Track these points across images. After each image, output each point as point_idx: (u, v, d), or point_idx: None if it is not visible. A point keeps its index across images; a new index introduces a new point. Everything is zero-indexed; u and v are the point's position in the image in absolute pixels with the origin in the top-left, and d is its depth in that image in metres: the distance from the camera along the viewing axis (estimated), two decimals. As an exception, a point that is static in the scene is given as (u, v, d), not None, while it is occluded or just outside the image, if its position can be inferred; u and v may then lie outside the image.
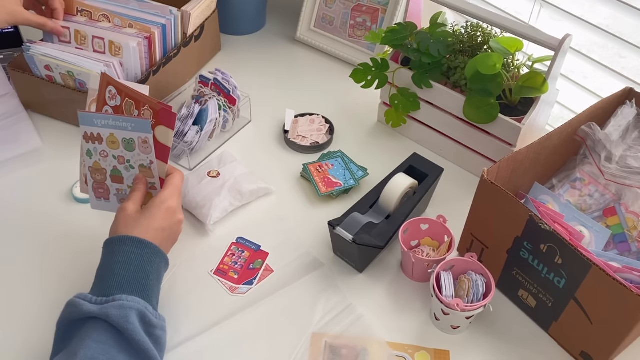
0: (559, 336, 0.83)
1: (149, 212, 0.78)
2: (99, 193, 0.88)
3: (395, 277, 0.91)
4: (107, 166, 0.83)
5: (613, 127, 0.93)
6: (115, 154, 0.82)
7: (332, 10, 1.35)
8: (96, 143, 0.82)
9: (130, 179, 0.83)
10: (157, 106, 0.78)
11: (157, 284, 0.77)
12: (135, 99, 0.79)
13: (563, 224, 0.77)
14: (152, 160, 0.81)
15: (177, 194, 0.81)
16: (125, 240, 0.75)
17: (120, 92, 0.80)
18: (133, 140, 0.80)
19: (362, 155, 1.10)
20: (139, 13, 1.14)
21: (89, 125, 0.81)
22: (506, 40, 0.98)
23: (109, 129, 0.80)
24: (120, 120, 0.79)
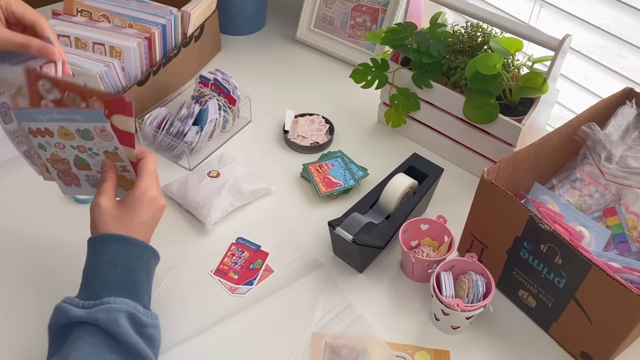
0: (559, 336, 0.83)
1: (130, 207, 0.74)
2: (67, 180, 0.83)
3: (395, 277, 0.91)
4: (68, 156, 0.78)
5: (613, 127, 0.93)
6: (74, 144, 0.76)
7: (332, 10, 1.35)
8: (46, 137, 0.76)
9: (97, 165, 0.78)
10: (106, 96, 0.72)
11: (146, 280, 0.74)
12: (79, 90, 0.72)
13: (563, 224, 0.77)
14: (117, 146, 0.75)
15: (155, 179, 0.76)
16: (110, 239, 0.71)
17: (57, 85, 0.72)
18: (89, 130, 0.73)
19: (362, 155, 1.10)
20: (139, 13, 1.14)
21: (31, 121, 0.74)
22: (506, 40, 0.98)
23: (58, 122, 0.74)
24: (67, 112, 0.72)
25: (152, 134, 1.07)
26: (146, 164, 0.76)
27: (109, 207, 0.73)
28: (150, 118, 1.06)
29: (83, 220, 0.97)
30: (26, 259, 0.91)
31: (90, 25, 1.11)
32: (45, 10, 1.39)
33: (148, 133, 1.07)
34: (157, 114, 1.07)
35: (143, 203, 0.74)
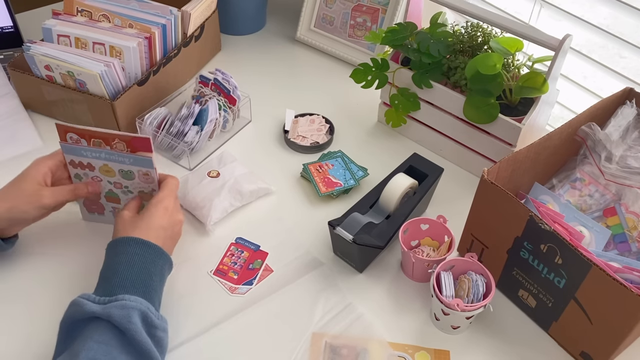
0: (559, 336, 0.83)
1: (146, 212, 0.80)
2: (92, 208, 0.90)
3: (395, 277, 0.91)
4: (102, 189, 0.86)
5: (613, 127, 0.93)
6: (111, 180, 0.84)
7: (332, 10, 1.35)
8: (86, 170, 0.83)
9: (127, 200, 0.87)
10: (127, 137, 0.79)
11: (159, 285, 0.77)
12: (102, 137, 0.80)
13: (563, 224, 0.77)
14: (155, 188, 0.84)
15: (173, 195, 0.83)
16: (129, 241, 0.76)
17: (83, 135, 0.80)
18: (132, 172, 0.82)
19: (362, 155, 1.10)
20: (139, 13, 1.14)
21: (75, 155, 0.82)
22: (506, 40, 0.98)
23: (102, 160, 0.82)
24: (115, 155, 0.80)
25: (152, 134, 1.07)
26: (167, 183, 0.83)
27: (129, 216, 0.80)
28: (150, 118, 1.06)
29: (82, 220, 0.97)
30: (26, 259, 0.91)
31: (90, 25, 1.11)
32: (46, 10, 1.40)
33: (148, 133, 1.07)
34: (157, 114, 1.07)
35: (158, 209, 0.80)
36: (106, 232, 0.85)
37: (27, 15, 1.41)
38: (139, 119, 1.07)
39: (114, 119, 1.06)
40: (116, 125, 1.07)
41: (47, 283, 0.88)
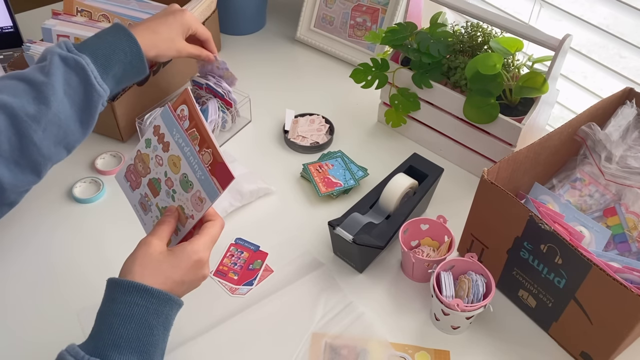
0: (559, 336, 0.83)
1: (175, 259, 0.67)
2: (130, 178, 0.79)
3: (395, 277, 0.91)
4: (153, 171, 0.75)
5: (613, 127, 0.93)
6: (168, 174, 0.74)
7: (332, 10, 1.35)
8: (160, 145, 0.74)
9: (164, 202, 0.75)
10: (219, 157, 0.68)
11: (163, 336, 0.66)
12: (203, 135, 0.70)
13: (563, 224, 0.77)
14: (194, 217, 0.72)
15: (212, 244, 0.71)
16: (130, 288, 0.64)
17: (192, 118, 0.71)
18: (192, 186, 0.71)
19: (362, 155, 1.10)
20: (139, 13, 1.14)
21: (166, 125, 0.73)
22: (506, 40, 0.98)
23: (180, 152, 0.72)
24: (194, 158, 0.70)
25: (152, 134, 1.07)
26: (213, 226, 0.71)
27: (156, 250, 0.67)
28: (150, 118, 1.06)
29: (83, 220, 0.97)
30: (26, 259, 0.91)
31: (90, 25, 1.11)
32: (45, 10, 1.40)
33: (148, 133, 1.07)
34: (157, 114, 1.07)
35: (190, 261, 0.68)
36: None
37: (27, 15, 1.41)
38: (139, 119, 1.07)
39: (113, 119, 1.06)
40: (116, 125, 1.07)
41: (41, 282, 0.88)
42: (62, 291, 0.87)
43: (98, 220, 0.98)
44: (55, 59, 0.78)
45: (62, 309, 0.85)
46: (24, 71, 0.78)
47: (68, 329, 0.82)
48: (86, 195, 1.00)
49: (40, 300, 0.86)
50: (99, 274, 0.90)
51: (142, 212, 0.79)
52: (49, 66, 0.78)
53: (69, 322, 0.83)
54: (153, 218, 0.77)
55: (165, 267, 0.66)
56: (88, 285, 0.87)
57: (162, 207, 0.75)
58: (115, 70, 0.84)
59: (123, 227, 0.96)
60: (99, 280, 0.81)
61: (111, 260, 0.92)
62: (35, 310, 0.85)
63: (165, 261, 0.67)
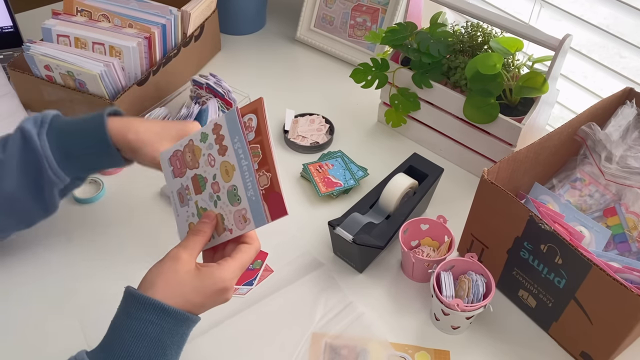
0: (559, 336, 0.83)
1: (199, 282, 0.64)
2: (174, 163, 0.74)
3: (395, 277, 0.91)
4: (202, 168, 0.70)
5: (613, 127, 0.93)
6: (217, 178, 0.68)
7: (332, 10, 1.35)
8: (216, 146, 0.68)
9: (204, 203, 0.70)
10: (277, 187, 0.63)
11: (176, 355, 0.64)
12: (265, 155, 0.64)
13: (563, 224, 0.77)
14: (233, 232, 0.68)
15: (242, 271, 0.67)
16: (147, 305, 0.61)
17: (259, 132, 0.65)
18: (240, 201, 0.66)
19: (362, 155, 1.10)
20: (139, 13, 1.14)
21: (228, 129, 0.67)
22: (506, 40, 0.98)
23: (236, 162, 0.66)
24: (250, 175, 0.65)
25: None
26: (247, 251, 0.67)
27: (184, 268, 0.64)
28: (150, 118, 1.06)
29: (83, 220, 0.97)
30: (26, 259, 0.91)
31: (90, 25, 1.11)
32: (45, 10, 1.40)
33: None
34: (157, 114, 1.07)
35: (215, 288, 0.65)
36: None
37: (27, 15, 1.41)
38: (139, 119, 1.07)
39: (113, 119, 1.06)
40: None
41: (41, 282, 0.88)
42: (62, 291, 0.87)
43: (98, 220, 0.97)
44: (16, 135, 0.77)
45: (62, 310, 0.85)
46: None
47: (68, 329, 0.82)
48: (86, 195, 1.00)
49: (40, 301, 0.86)
50: (99, 274, 0.91)
51: (178, 202, 0.74)
52: (10, 141, 0.77)
53: (69, 323, 0.83)
54: (189, 214, 0.73)
55: (189, 289, 0.63)
56: (88, 286, 0.87)
57: (201, 208, 0.71)
58: (80, 158, 0.77)
59: (123, 227, 0.96)
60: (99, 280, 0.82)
61: (111, 260, 0.92)
62: (35, 310, 0.85)
63: (191, 283, 0.64)
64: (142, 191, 1.01)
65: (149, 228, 0.96)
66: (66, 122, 0.79)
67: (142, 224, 0.97)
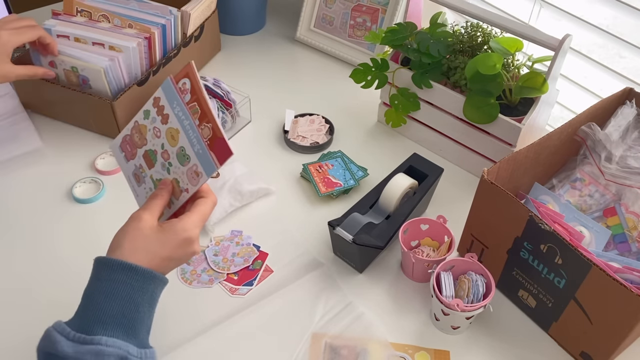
0: (559, 336, 0.83)
1: (163, 236, 0.67)
2: (125, 148, 0.78)
3: (395, 277, 0.91)
4: (150, 143, 0.74)
5: (613, 127, 0.93)
6: (165, 146, 0.73)
7: (332, 10, 1.35)
8: (159, 117, 0.73)
9: (158, 174, 0.74)
10: (218, 132, 0.68)
11: (148, 312, 0.67)
12: (204, 110, 0.69)
13: (563, 224, 0.77)
14: (189, 190, 0.71)
15: (202, 223, 0.70)
16: (114, 266, 0.65)
17: (194, 91, 0.71)
18: (189, 160, 0.70)
19: (362, 155, 1.10)
20: (139, 13, 1.14)
21: (166, 98, 0.72)
22: (506, 40, 0.98)
23: (179, 125, 0.71)
24: (194, 132, 0.69)
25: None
26: (204, 203, 0.71)
27: (147, 225, 0.67)
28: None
29: (83, 220, 0.97)
30: (26, 259, 0.91)
31: (90, 25, 1.11)
32: (45, 10, 1.39)
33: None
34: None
35: (178, 239, 0.68)
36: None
37: (27, 15, 1.41)
38: (139, 119, 1.07)
39: (113, 119, 1.06)
40: (116, 125, 1.07)
41: (41, 282, 0.88)
42: (62, 291, 0.87)
43: (98, 220, 0.97)
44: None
45: (62, 310, 0.84)
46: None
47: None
48: (86, 195, 1.00)
49: (40, 300, 0.86)
50: (99, 274, 0.90)
51: (135, 184, 0.78)
52: None
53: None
54: (147, 190, 0.76)
55: (154, 243, 0.67)
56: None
57: (157, 180, 0.74)
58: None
59: (123, 227, 0.96)
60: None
61: (111, 260, 0.92)
62: (35, 310, 0.85)
63: (155, 237, 0.67)
64: (142, 191, 1.02)
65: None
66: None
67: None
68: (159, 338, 0.80)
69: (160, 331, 0.81)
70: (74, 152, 1.08)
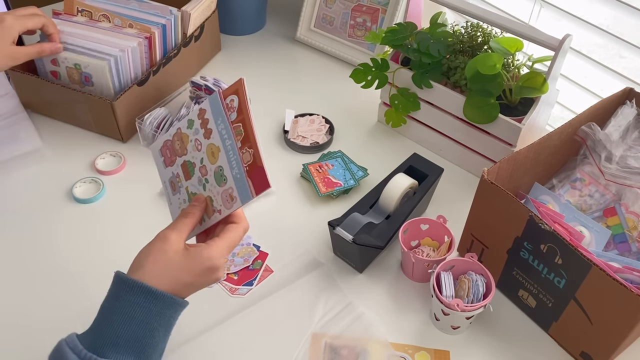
0: (559, 336, 0.83)
1: (188, 262, 0.65)
2: (165, 153, 0.76)
3: (395, 277, 0.91)
4: (190, 154, 0.72)
5: (613, 127, 0.93)
6: (204, 161, 0.71)
7: (332, 10, 1.35)
8: (202, 130, 0.71)
9: (194, 188, 0.72)
10: (259, 162, 0.66)
11: (163, 337, 0.65)
12: (247, 133, 0.67)
13: (563, 224, 0.77)
14: (222, 212, 0.69)
15: (230, 250, 0.69)
16: (134, 288, 0.63)
17: (241, 111, 0.68)
18: (226, 180, 0.68)
19: (362, 155, 1.10)
20: (139, 13, 1.14)
21: (212, 112, 0.70)
22: (506, 40, 0.98)
23: (221, 143, 0.69)
24: (234, 154, 0.67)
25: (151, 134, 1.07)
26: (235, 230, 0.69)
27: (172, 247, 0.65)
28: (150, 118, 1.06)
29: (83, 220, 0.97)
30: (26, 259, 0.91)
31: (90, 25, 1.11)
32: (45, 10, 1.39)
33: (148, 133, 1.07)
34: (157, 114, 1.07)
35: (203, 267, 0.66)
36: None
37: (27, 15, 1.41)
38: (139, 119, 1.07)
39: (113, 119, 1.06)
40: (116, 125, 1.07)
41: (41, 282, 0.88)
42: (62, 291, 0.87)
43: (98, 220, 0.98)
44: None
45: (63, 309, 0.85)
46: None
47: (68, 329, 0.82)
48: (86, 195, 1.00)
49: (40, 301, 0.86)
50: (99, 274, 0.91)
51: (170, 191, 0.76)
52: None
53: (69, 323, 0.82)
54: (180, 201, 0.74)
55: (177, 268, 0.65)
56: (88, 286, 0.87)
57: (192, 193, 0.72)
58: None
59: (123, 227, 0.96)
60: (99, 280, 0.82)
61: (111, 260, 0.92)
62: (36, 310, 0.85)
63: (179, 262, 0.65)
64: (142, 191, 1.02)
65: (149, 228, 0.96)
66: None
67: (141, 224, 0.96)
68: (159, 338, 0.80)
69: (160, 331, 0.81)
70: (74, 152, 1.08)
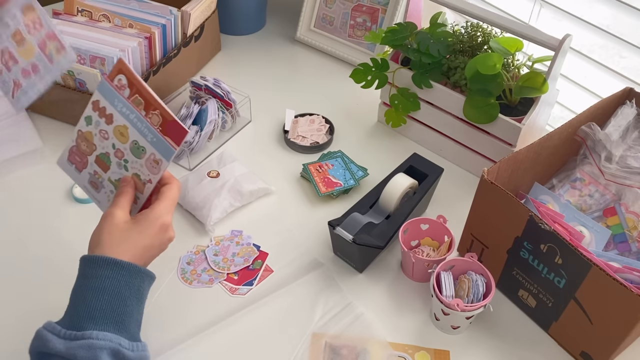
0: (559, 336, 0.83)
1: (139, 226, 0.69)
2: (74, 159, 0.78)
3: (395, 277, 0.91)
4: (99, 147, 0.75)
5: (613, 127, 0.93)
6: (116, 145, 0.73)
7: (332, 10, 1.35)
8: (102, 119, 0.73)
9: (115, 175, 0.75)
10: (168, 115, 0.69)
11: (137, 307, 0.68)
12: (147, 99, 0.70)
13: (563, 224, 0.77)
14: (152, 180, 0.72)
15: (173, 208, 0.72)
16: (100, 262, 0.66)
17: (132, 85, 0.71)
18: (145, 151, 0.71)
19: (362, 155, 1.10)
20: (139, 13, 1.14)
21: (106, 98, 0.72)
22: (506, 40, 0.98)
23: (126, 120, 0.71)
24: (142, 123, 0.70)
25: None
26: (170, 189, 0.72)
27: (121, 220, 0.69)
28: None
29: (83, 220, 0.97)
30: (26, 258, 0.91)
31: (90, 25, 1.11)
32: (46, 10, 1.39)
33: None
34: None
35: (154, 226, 0.70)
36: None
37: (27, 15, 1.41)
38: (139, 119, 1.07)
39: (114, 119, 1.06)
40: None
41: (42, 282, 0.88)
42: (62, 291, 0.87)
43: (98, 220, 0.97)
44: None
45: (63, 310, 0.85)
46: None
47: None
48: (86, 195, 1.00)
49: (40, 301, 0.86)
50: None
51: (93, 192, 0.78)
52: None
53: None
54: (107, 193, 0.77)
55: (131, 235, 0.68)
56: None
57: (116, 180, 0.75)
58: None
59: (123, 227, 0.96)
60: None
61: (111, 260, 0.92)
62: (36, 310, 0.85)
63: (131, 230, 0.69)
64: (142, 191, 1.02)
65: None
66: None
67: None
68: (159, 337, 0.80)
69: (161, 330, 0.81)
70: (74, 152, 1.08)
